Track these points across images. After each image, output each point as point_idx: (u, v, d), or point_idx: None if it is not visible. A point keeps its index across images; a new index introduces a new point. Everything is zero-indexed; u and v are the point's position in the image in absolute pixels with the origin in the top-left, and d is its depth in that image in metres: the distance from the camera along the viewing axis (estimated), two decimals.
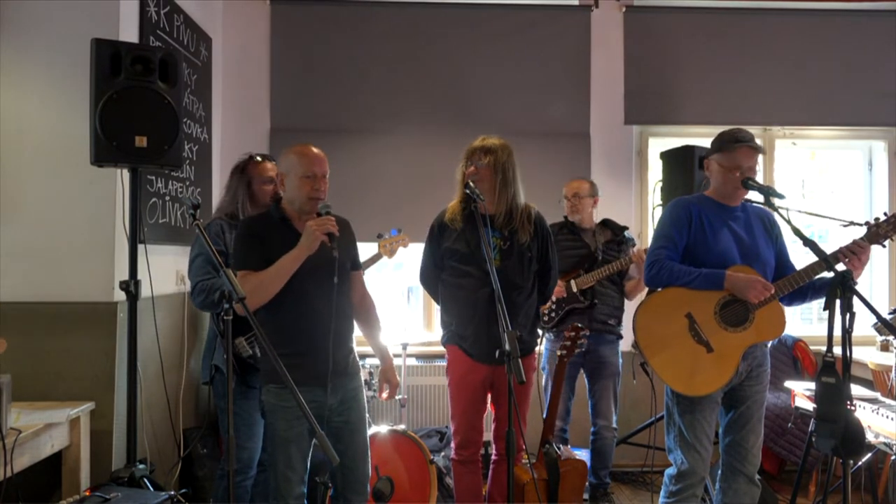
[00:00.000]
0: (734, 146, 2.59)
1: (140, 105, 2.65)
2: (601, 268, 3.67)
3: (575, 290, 3.65)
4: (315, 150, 2.49)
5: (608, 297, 3.73)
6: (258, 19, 4.46)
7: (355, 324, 2.67)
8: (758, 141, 2.71)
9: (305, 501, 2.49)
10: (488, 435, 3.09)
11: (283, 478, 2.41)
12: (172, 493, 2.47)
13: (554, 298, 3.68)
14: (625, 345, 3.78)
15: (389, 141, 4.46)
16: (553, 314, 3.70)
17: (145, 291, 2.85)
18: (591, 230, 3.80)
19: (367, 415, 2.74)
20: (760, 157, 2.66)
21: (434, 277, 3.01)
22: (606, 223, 3.86)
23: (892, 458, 3.44)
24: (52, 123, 2.94)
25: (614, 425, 3.75)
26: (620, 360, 3.78)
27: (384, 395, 2.75)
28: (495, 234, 2.88)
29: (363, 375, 2.99)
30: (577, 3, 4.58)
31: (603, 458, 3.74)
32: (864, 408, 3.06)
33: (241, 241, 2.47)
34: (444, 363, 3.04)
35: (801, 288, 2.58)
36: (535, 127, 4.47)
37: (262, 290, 2.35)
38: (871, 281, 4.79)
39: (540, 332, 3.66)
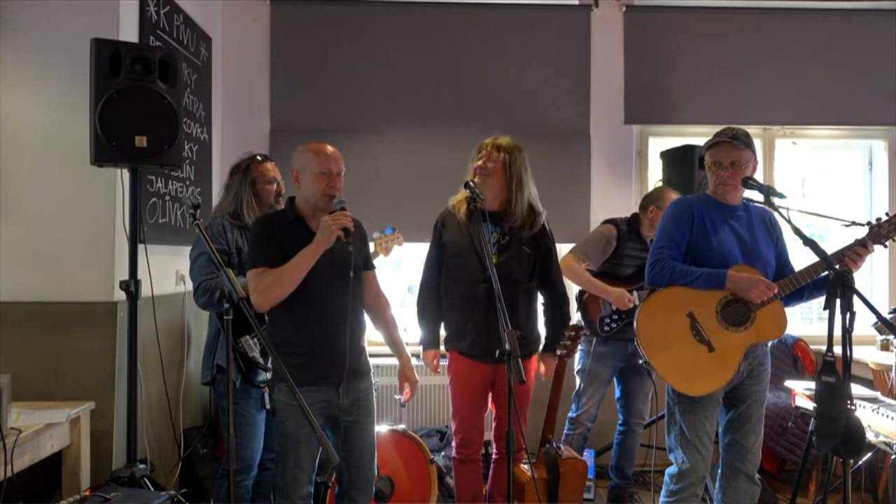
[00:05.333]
0: (713, 142, 2.63)
1: (140, 105, 2.64)
2: None
3: (639, 303, 3.41)
4: (331, 147, 2.51)
5: None
6: (258, 19, 4.45)
7: (372, 323, 2.69)
8: (757, 141, 2.72)
9: (311, 501, 2.50)
10: (489, 434, 3.09)
11: (291, 477, 2.41)
12: (173, 493, 2.46)
13: (613, 307, 3.51)
14: None
15: (389, 141, 4.46)
16: (614, 325, 3.55)
17: (145, 291, 2.85)
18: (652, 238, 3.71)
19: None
20: (760, 157, 2.67)
21: (435, 282, 3.00)
22: None
23: (893, 457, 3.44)
24: (51, 123, 2.93)
25: (645, 421, 3.72)
26: None
27: (405, 395, 2.73)
28: (495, 230, 2.89)
29: None
30: (577, 2, 4.58)
31: (631, 454, 3.69)
32: (864, 407, 3.06)
33: (255, 239, 2.48)
34: (444, 363, 3.04)
35: (798, 288, 2.58)
36: (535, 127, 4.47)
37: (278, 286, 2.35)
38: (872, 281, 4.79)
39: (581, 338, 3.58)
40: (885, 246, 2.56)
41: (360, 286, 2.55)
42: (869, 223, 2.54)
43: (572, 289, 3.85)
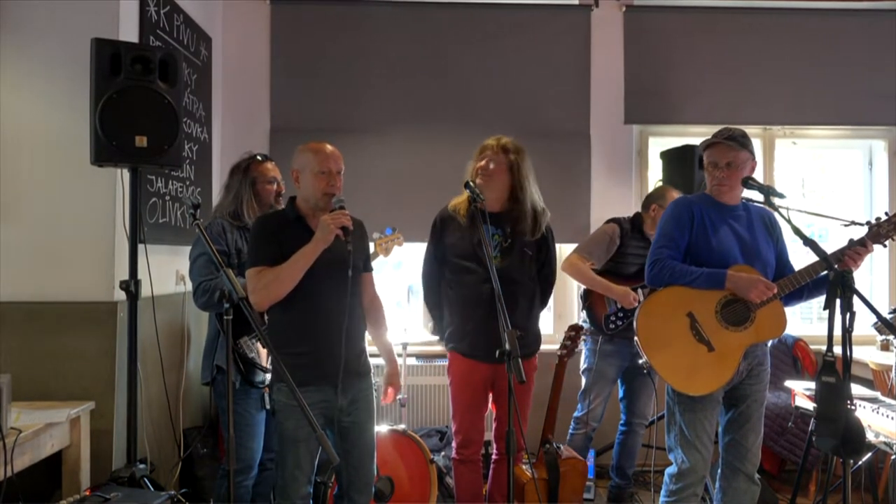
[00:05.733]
0: (709, 143, 2.64)
1: (140, 105, 2.64)
2: None
3: (643, 300, 3.49)
4: (330, 147, 2.51)
5: None
6: (258, 19, 4.45)
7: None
8: (757, 141, 2.73)
9: (311, 502, 2.50)
10: (489, 434, 3.09)
11: (290, 477, 2.41)
12: (172, 492, 2.46)
13: (618, 305, 3.53)
14: None
15: (389, 140, 4.46)
16: (619, 322, 3.56)
17: (145, 291, 2.84)
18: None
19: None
20: (760, 157, 2.67)
21: (436, 276, 3.01)
22: None
23: (893, 457, 3.44)
24: (51, 123, 2.93)
25: (647, 421, 3.73)
26: None
27: (387, 397, 2.75)
28: (497, 232, 2.89)
29: None
30: (577, 2, 4.58)
31: (632, 454, 3.71)
32: (864, 407, 3.06)
33: (255, 237, 2.49)
34: (444, 363, 3.04)
35: (798, 287, 2.58)
36: (535, 127, 4.47)
37: (277, 284, 2.36)
38: (872, 281, 4.79)
39: (584, 337, 3.60)
40: (885, 245, 2.56)
41: (358, 285, 2.54)
42: (868, 223, 2.54)
43: (576, 288, 3.85)
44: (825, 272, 2.51)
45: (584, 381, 3.69)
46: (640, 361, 2.69)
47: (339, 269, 2.43)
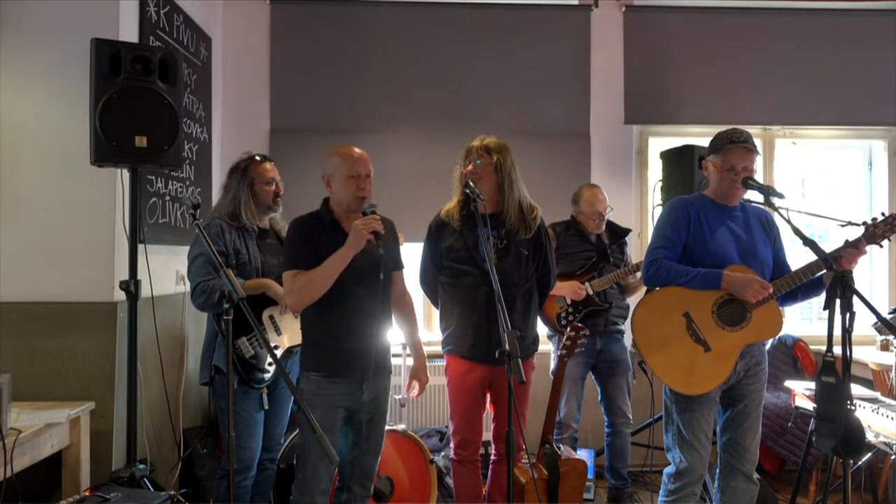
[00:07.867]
0: (728, 147, 2.60)
1: (140, 105, 2.65)
2: (618, 270, 3.68)
3: (591, 292, 3.62)
4: (357, 150, 2.58)
5: (617, 297, 3.75)
6: (258, 19, 4.46)
7: (395, 321, 2.76)
8: (757, 141, 2.72)
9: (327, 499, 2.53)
10: (488, 435, 3.09)
11: (312, 469, 2.47)
12: (172, 493, 2.47)
13: (569, 301, 3.63)
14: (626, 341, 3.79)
15: (389, 141, 4.46)
16: (570, 317, 3.64)
17: (145, 291, 2.85)
18: (597, 232, 3.79)
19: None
20: (760, 157, 2.67)
21: (433, 278, 3.02)
22: (608, 224, 3.85)
23: (892, 457, 3.44)
24: (52, 123, 2.94)
25: (630, 419, 3.76)
26: (629, 357, 3.80)
27: (413, 392, 2.82)
28: (492, 234, 2.88)
29: None
30: (577, 2, 4.58)
31: (622, 455, 3.74)
32: (864, 407, 3.06)
33: (291, 241, 2.55)
34: (442, 363, 3.04)
35: (793, 288, 2.58)
36: (535, 127, 4.47)
37: (310, 288, 2.43)
38: (871, 281, 4.79)
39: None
40: (881, 246, 2.56)
41: (389, 287, 2.63)
42: (865, 223, 2.54)
43: None
44: (821, 273, 2.52)
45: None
46: (638, 361, 2.70)
47: (372, 272, 2.53)
